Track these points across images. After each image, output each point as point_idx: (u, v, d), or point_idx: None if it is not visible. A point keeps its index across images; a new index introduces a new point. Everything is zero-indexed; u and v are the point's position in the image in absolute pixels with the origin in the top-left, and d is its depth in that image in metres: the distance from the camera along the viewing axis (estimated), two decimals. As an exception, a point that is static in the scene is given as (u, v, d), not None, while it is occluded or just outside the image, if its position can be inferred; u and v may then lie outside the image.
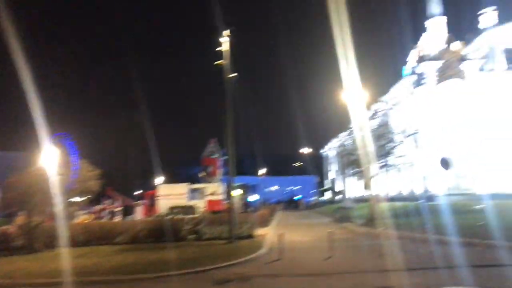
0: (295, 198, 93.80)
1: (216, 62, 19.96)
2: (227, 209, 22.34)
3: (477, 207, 29.45)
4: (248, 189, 52.74)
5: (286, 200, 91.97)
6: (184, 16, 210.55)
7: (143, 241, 19.97)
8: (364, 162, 25.79)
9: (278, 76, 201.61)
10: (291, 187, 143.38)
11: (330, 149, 77.08)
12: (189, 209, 32.66)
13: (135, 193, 54.57)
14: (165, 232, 19.83)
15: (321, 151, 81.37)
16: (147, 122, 42.78)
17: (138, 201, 39.57)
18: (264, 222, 29.22)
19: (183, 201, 34.73)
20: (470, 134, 36.99)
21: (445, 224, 20.60)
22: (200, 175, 43.61)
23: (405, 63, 41.64)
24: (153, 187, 40.28)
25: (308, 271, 12.69)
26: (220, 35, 20.32)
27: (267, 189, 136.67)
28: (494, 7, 42.74)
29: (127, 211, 35.87)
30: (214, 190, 36.04)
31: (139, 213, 34.85)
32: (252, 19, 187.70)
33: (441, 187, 34.30)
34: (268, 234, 22.22)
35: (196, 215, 25.30)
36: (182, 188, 36.03)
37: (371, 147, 24.82)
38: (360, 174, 29.91)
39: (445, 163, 20.07)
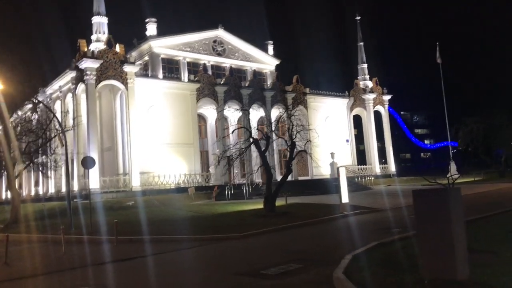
0: None
1: None
2: None
3: (129, 203, 31.18)
4: None
5: None
6: None
7: None
8: (7, 160, 22.97)
9: None
10: None
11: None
12: None
13: None
14: None
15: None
16: None
17: None
18: None
19: None
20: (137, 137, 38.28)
21: (93, 222, 20.62)
22: None
23: (73, 57, 39.60)
24: None
25: None
26: None
27: None
28: (155, 19, 46.52)
29: None
30: None
31: None
32: None
33: (98, 185, 34.57)
34: None
35: None
36: None
37: (16, 143, 22.34)
38: (4, 173, 26.63)
39: (86, 162, 20.06)
